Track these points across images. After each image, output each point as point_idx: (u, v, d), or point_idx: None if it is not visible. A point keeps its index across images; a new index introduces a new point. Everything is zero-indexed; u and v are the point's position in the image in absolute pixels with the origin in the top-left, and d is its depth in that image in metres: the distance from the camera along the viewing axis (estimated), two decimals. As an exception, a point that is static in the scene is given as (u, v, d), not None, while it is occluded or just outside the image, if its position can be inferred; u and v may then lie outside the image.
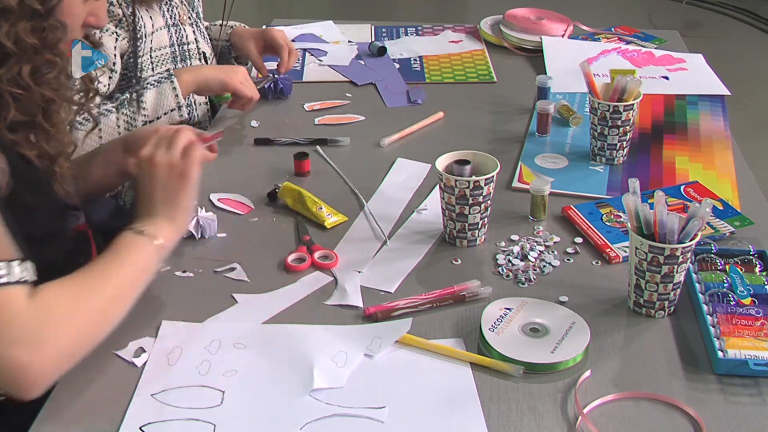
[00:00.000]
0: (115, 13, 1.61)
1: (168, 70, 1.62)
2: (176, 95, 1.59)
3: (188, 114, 1.62)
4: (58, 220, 1.18)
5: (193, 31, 1.81)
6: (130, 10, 1.65)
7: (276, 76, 1.83)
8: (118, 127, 1.55)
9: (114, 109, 1.55)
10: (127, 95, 1.58)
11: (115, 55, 1.62)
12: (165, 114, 1.60)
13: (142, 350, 1.09)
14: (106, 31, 1.61)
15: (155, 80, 1.60)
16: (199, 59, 1.82)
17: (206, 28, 1.94)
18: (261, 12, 4.94)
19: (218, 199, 1.41)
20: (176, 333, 1.12)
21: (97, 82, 1.51)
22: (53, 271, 1.11)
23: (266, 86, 1.79)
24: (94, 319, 1.03)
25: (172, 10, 1.77)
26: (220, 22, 1.98)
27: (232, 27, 1.95)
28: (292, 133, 1.66)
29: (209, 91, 1.68)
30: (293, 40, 2.05)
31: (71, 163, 1.19)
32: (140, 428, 0.97)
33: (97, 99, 1.60)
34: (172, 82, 1.59)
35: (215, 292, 1.20)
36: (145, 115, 1.57)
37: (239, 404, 1.01)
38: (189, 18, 1.81)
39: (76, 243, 1.21)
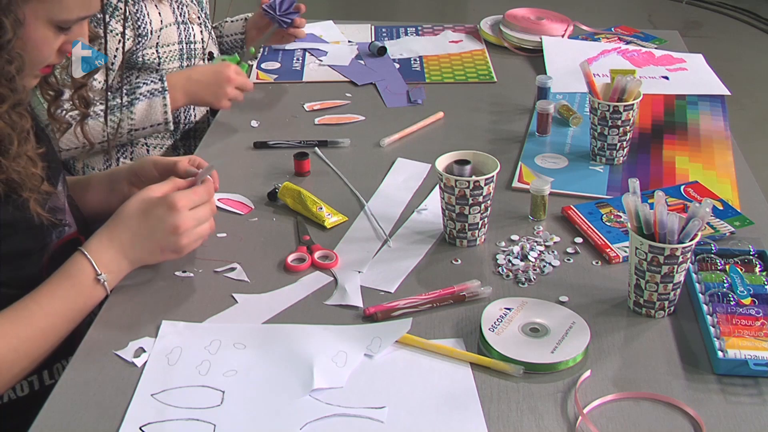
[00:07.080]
0: (121, 10, 1.62)
1: (161, 79, 1.65)
2: (165, 111, 1.64)
3: (174, 127, 1.69)
4: (39, 236, 1.15)
5: (201, 31, 1.82)
6: (136, 7, 1.66)
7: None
8: (104, 130, 1.58)
9: (102, 113, 1.58)
10: (118, 101, 1.61)
11: (115, 56, 1.64)
12: (151, 126, 1.66)
13: (142, 350, 1.09)
14: (111, 31, 1.62)
15: (148, 91, 1.64)
16: (204, 60, 1.83)
17: (219, 25, 1.99)
18: (261, 12, 4.93)
19: (218, 199, 1.41)
20: (176, 333, 1.12)
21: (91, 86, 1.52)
22: (35, 285, 1.11)
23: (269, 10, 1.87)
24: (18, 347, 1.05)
25: (182, 8, 1.78)
26: (231, 18, 2.01)
27: (245, 19, 1.98)
28: (292, 134, 1.66)
29: (199, 105, 1.79)
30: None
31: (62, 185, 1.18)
32: (140, 428, 0.97)
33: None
34: (164, 98, 1.63)
35: (215, 292, 1.20)
36: (131, 124, 1.63)
37: (239, 404, 1.01)
38: (198, 18, 1.82)
39: (70, 252, 1.19)
